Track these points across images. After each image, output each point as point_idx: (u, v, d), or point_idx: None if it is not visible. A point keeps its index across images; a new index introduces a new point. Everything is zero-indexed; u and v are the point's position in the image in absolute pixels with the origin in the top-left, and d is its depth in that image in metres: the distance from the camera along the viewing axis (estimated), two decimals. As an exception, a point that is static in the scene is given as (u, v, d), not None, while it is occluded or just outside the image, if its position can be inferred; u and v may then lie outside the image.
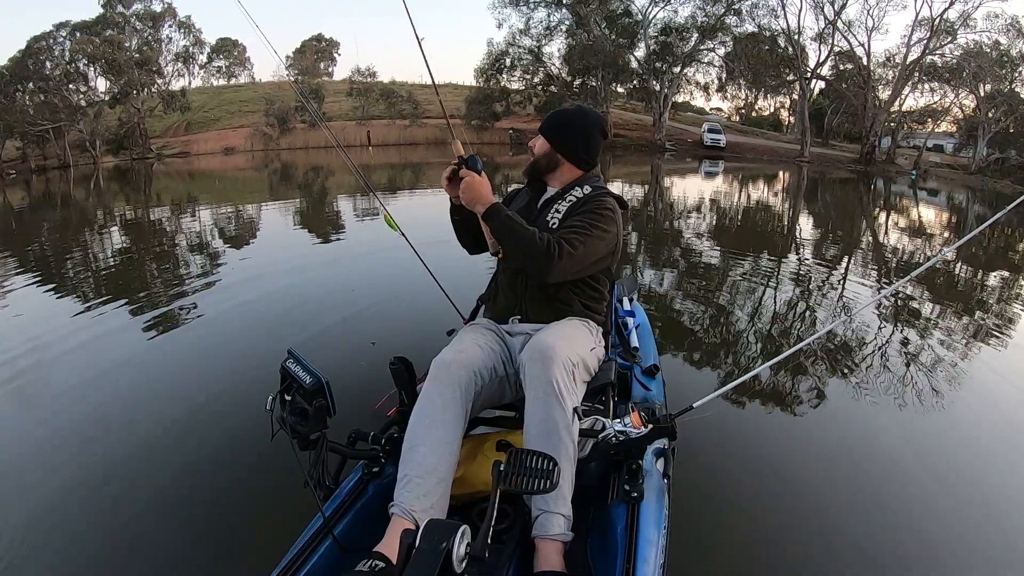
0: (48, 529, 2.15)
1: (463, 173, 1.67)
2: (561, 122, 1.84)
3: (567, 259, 1.58)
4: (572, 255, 1.59)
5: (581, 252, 1.62)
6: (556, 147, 1.82)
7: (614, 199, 1.78)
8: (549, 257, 1.56)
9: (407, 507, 1.33)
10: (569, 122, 1.83)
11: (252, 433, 2.49)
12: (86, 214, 12.44)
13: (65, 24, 29.01)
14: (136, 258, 7.23)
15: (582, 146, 1.82)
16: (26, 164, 26.63)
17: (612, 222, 1.71)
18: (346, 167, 20.87)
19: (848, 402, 3.20)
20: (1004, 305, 5.56)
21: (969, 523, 2.24)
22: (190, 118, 34.80)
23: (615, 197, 1.80)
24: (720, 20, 29.56)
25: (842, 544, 2.07)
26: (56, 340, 4.13)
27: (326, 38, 45.83)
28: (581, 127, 1.82)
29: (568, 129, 1.82)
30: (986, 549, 2.12)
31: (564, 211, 1.76)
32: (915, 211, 14.29)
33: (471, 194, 1.65)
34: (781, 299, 5.27)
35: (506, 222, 1.62)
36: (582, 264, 1.65)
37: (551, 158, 1.83)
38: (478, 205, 1.65)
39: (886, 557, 2.02)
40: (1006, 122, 25.12)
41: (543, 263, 1.57)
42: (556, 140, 1.82)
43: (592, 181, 1.83)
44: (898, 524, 2.19)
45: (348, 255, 7.16)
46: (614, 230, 1.71)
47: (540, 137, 1.85)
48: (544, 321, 1.71)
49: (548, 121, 1.86)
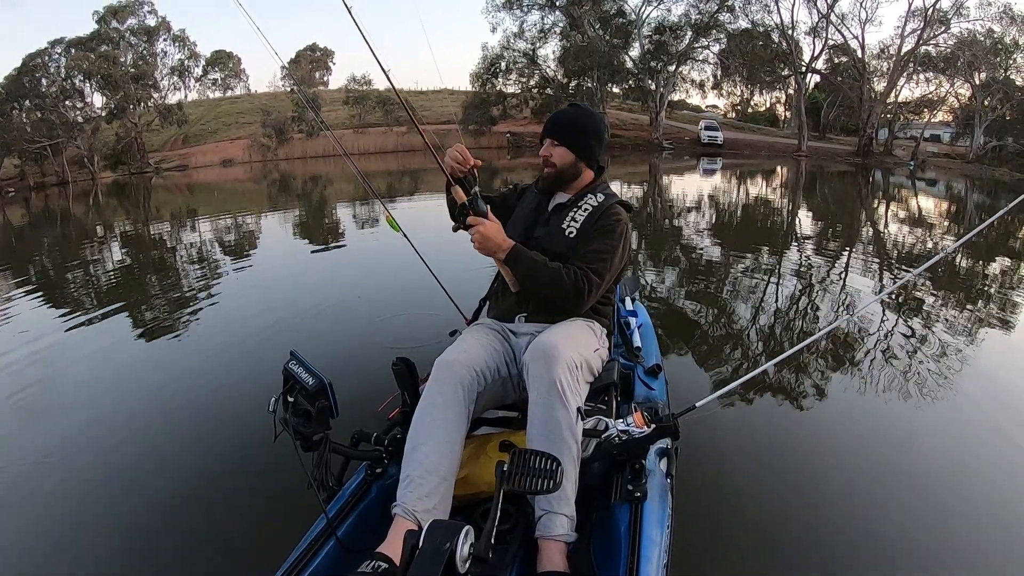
0: (54, 531, 2.17)
1: (472, 221, 1.58)
2: (578, 125, 1.77)
3: (596, 290, 1.62)
4: (600, 285, 1.64)
5: (608, 279, 1.67)
6: (579, 154, 1.76)
7: (621, 206, 1.78)
8: (579, 294, 1.59)
9: (409, 507, 1.32)
10: (584, 124, 1.77)
11: (255, 435, 2.51)
12: (86, 229, 12.46)
13: (60, 41, 29.11)
14: (138, 269, 7.26)
15: (600, 147, 1.80)
16: (24, 182, 26.70)
17: (626, 237, 1.73)
18: (345, 175, 21.03)
19: (852, 399, 3.17)
20: (1007, 296, 5.53)
21: (975, 520, 2.22)
22: (187, 131, 34.87)
23: (624, 204, 1.79)
24: (713, 17, 29.60)
25: (846, 542, 2.06)
26: (60, 348, 4.17)
27: (320, 47, 45.83)
28: (595, 129, 1.78)
29: (587, 133, 1.77)
30: (992, 544, 2.11)
31: (582, 221, 1.72)
32: (914, 201, 14.25)
33: (488, 244, 1.58)
34: (783, 296, 5.25)
35: (530, 265, 1.59)
36: (608, 286, 1.71)
37: (576, 167, 1.77)
38: (498, 253, 1.60)
39: (891, 555, 2.01)
40: (1002, 110, 25.13)
41: (574, 300, 1.61)
42: (578, 146, 1.76)
43: (603, 188, 1.81)
44: (903, 522, 2.18)
45: (349, 260, 7.20)
46: (627, 244, 1.74)
47: (554, 145, 1.76)
48: (548, 321, 1.70)
49: (563, 125, 1.76)
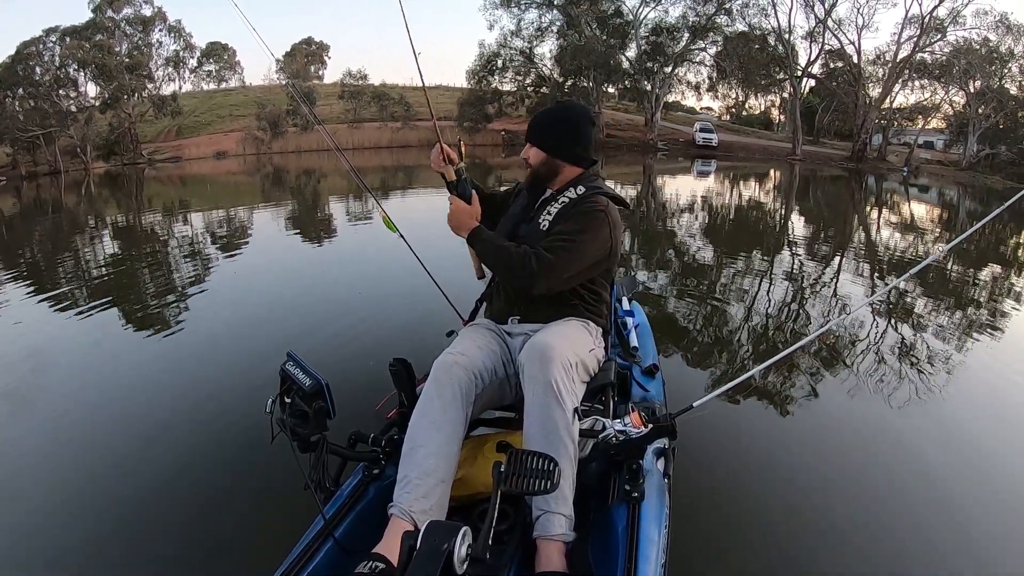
0: (49, 532, 2.15)
1: (450, 199, 1.77)
2: (548, 123, 1.76)
3: (548, 270, 1.56)
4: (551, 264, 1.56)
5: (564, 259, 1.58)
6: (551, 152, 1.74)
7: (609, 198, 1.71)
8: (525, 270, 1.56)
9: (406, 508, 1.32)
10: (556, 121, 1.76)
11: (252, 436, 2.50)
12: (78, 220, 12.35)
13: (55, 29, 28.73)
14: (131, 265, 7.19)
15: (575, 142, 1.74)
16: (16, 171, 26.36)
17: (603, 224, 1.64)
18: (339, 170, 20.92)
19: (847, 399, 3.20)
20: (995, 300, 5.59)
21: (965, 517, 2.26)
22: (181, 123, 34.55)
23: (612, 196, 1.73)
24: (711, 20, 29.64)
25: (843, 541, 2.08)
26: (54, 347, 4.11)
27: (316, 41, 45.53)
28: (568, 122, 1.75)
29: (557, 129, 1.75)
30: (983, 541, 2.13)
31: (555, 212, 1.70)
32: (907, 207, 14.36)
33: (454, 221, 1.74)
34: (779, 297, 5.29)
35: (486, 244, 1.68)
36: (571, 271, 1.62)
37: (550, 165, 1.75)
38: (461, 231, 1.73)
39: (886, 553, 2.03)
40: (996, 118, 25.33)
41: (523, 278, 1.58)
42: (548, 144, 1.74)
43: (588, 180, 1.75)
44: (898, 521, 2.20)
45: (344, 258, 7.17)
46: (606, 231, 1.64)
47: (531, 147, 1.77)
48: (542, 321, 1.69)
49: (534, 127, 1.77)
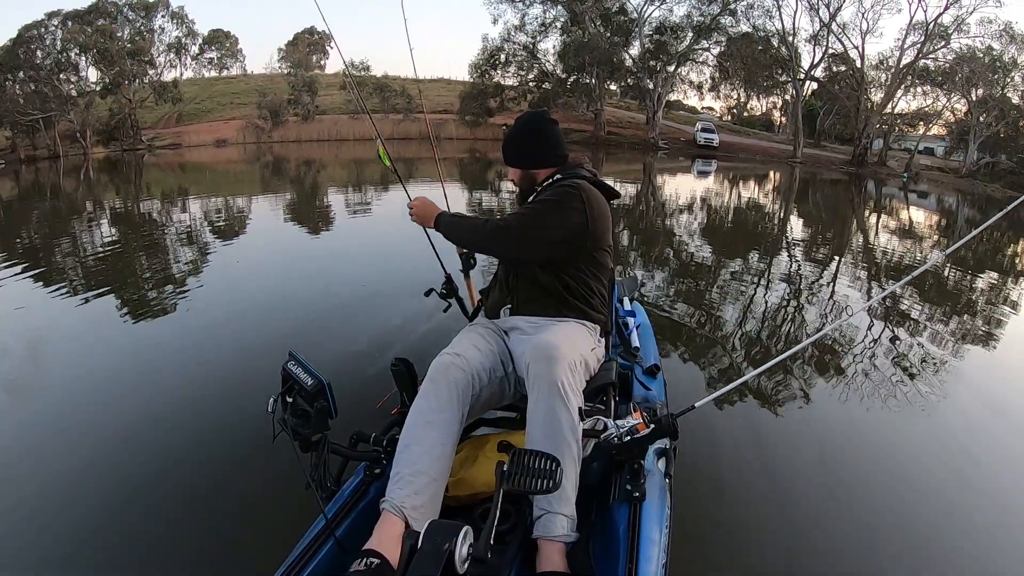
0: (49, 529, 2.13)
1: (409, 204, 1.94)
2: (513, 145, 1.87)
3: (516, 228, 1.68)
4: (519, 230, 1.67)
5: (529, 220, 1.68)
6: (524, 166, 1.85)
7: (590, 183, 1.75)
8: (496, 231, 1.69)
9: (397, 503, 1.32)
10: (518, 139, 1.86)
11: (254, 435, 2.47)
12: (76, 205, 12.29)
13: (57, 13, 28.59)
14: (130, 255, 7.12)
15: (538, 148, 1.84)
16: (15, 154, 26.23)
17: (573, 198, 1.67)
18: (339, 161, 20.82)
19: (848, 400, 3.23)
20: (992, 306, 5.61)
21: (960, 517, 2.29)
22: (182, 109, 34.41)
23: (593, 181, 1.78)
24: (715, 20, 29.61)
25: (843, 541, 2.09)
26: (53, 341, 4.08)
27: (318, 31, 45.37)
28: (529, 132, 1.85)
29: (521, 145, 1.86)
30: (980, 541, 2.16)
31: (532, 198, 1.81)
32: (906, 213, 14.40)
33: (418, 215, 1.90)
34: (781, 299, 5.30)
35: (453, 224, 1.81)
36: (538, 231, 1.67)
37: (528, 178, 1.86)
38: (428, 222, 1.87)
39: (887, 553, 2.05)
40: (997, 127, 25.35)
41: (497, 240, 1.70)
42: (520, 161, 1.86)
43: (567, 171, 1.82)
44: (898, 521, 2.22)
45: (347, 254, 7.13)
46: (578, 205, 1.66)
47: (511, 168, 1.90)
48: (534, 314, 1.71)
49: (504, 151, 1.90)
